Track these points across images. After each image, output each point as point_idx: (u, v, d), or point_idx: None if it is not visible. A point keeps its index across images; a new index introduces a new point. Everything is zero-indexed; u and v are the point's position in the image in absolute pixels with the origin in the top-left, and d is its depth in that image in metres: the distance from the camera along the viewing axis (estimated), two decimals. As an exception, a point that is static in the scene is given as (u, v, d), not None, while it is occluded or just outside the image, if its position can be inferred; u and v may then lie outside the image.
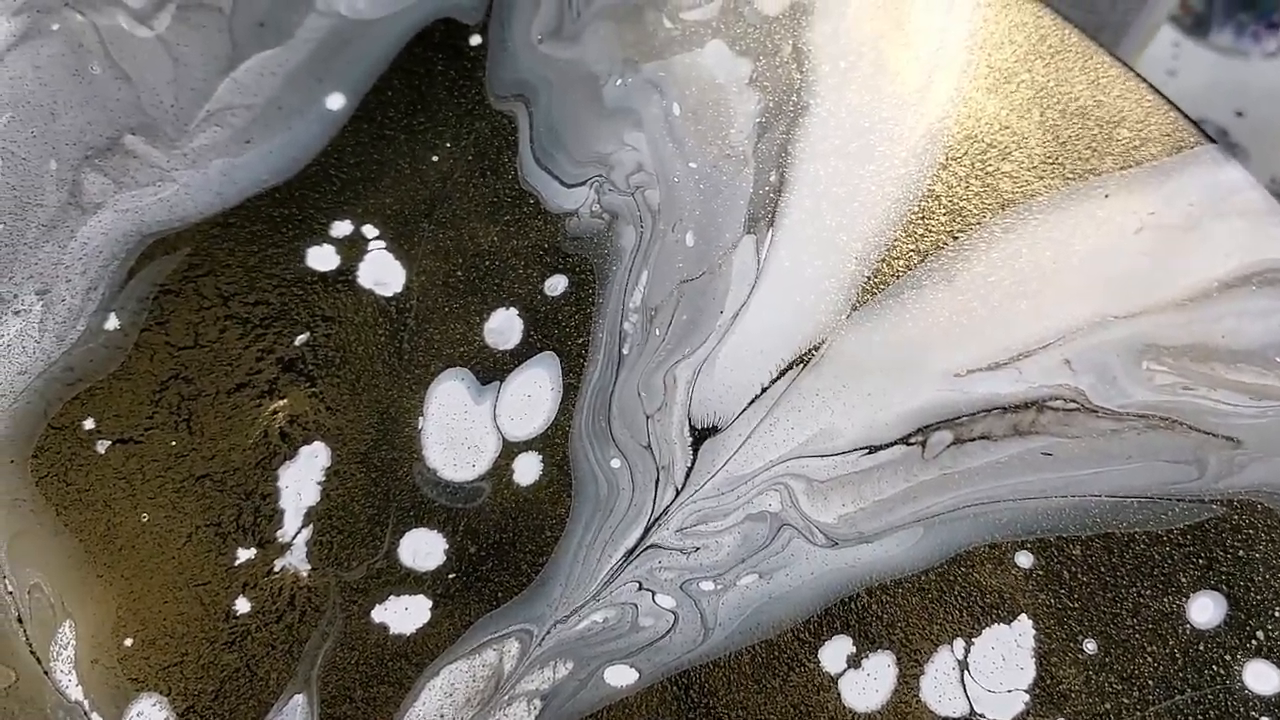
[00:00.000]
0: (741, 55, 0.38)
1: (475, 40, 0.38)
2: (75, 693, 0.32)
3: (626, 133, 0.38)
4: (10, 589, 0.32)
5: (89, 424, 0.34)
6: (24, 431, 0.33)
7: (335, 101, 0.37)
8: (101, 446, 0.34)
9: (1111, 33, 0.58)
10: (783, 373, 0.35)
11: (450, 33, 0.38)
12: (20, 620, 0.32)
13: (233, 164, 0.36)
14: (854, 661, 0.33)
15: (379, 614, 0.33)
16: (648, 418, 0.34)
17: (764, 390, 0.35)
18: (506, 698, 0.32)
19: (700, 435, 0.34)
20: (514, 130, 0.38)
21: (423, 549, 0.33)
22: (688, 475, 0.34)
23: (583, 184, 0.37)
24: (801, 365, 0.35)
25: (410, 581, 0.33)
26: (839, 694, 0.32)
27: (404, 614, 0.33)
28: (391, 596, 0.33)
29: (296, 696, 0.32)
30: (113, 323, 0.35)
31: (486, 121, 0.38)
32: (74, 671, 0.32)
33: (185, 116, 0.37)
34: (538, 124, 0.38)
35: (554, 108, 0.38)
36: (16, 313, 0.34)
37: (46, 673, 0.32)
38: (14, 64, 0.37)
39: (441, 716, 0.32)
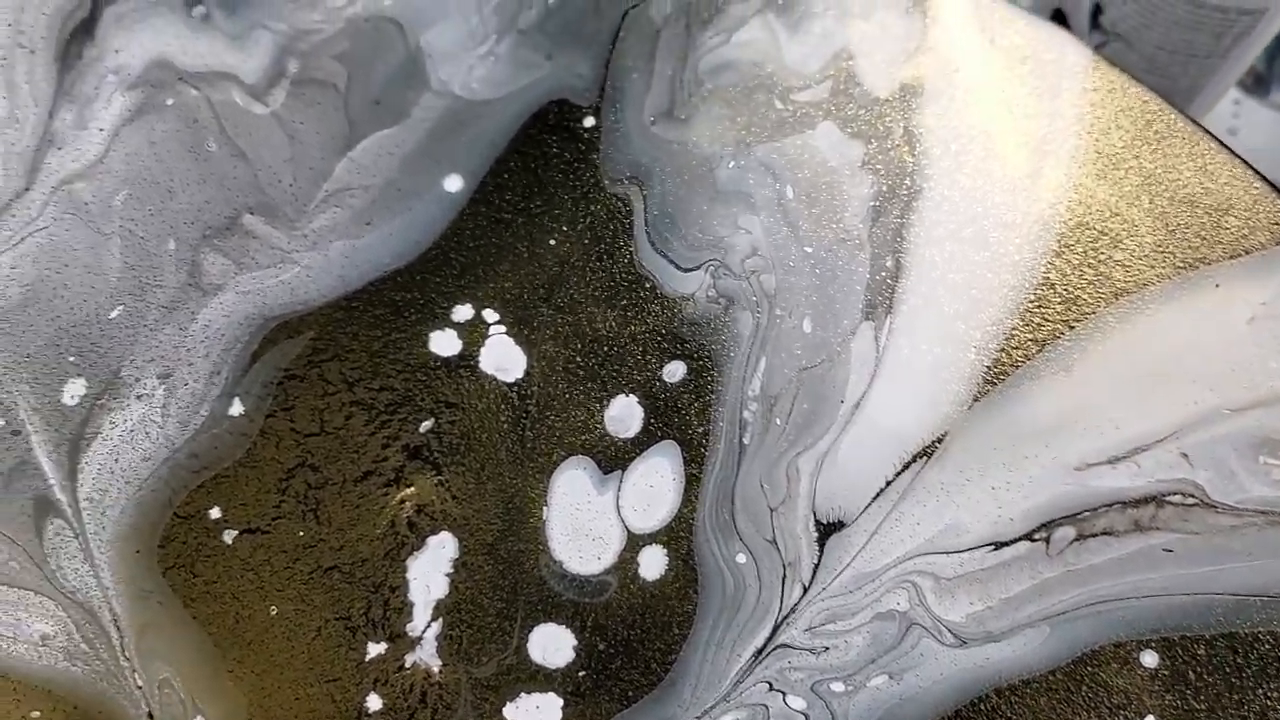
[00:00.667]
0: (854, 138, 0.38)
1: (589, 122, 0.38)
2: (209, 792, 0.32)
3: (740, 216, 0.37)
4: (140, 684, 0.32)
5: (215, 513, 0.33)
6: (150, 520, 0.33)
7: (453, 184, 0.37)
8: (229, 536, 0.33)
9: (1181, 97, 0.58)
10: (907, 465, 0.35)
11: (564, 114, 0.38)
12: (151, 716, 0.32)
13: (353, 246, 0.36)
14: (988, 766, 0.32)
15: (510, 712, 0.33)
16: (771, 511, 0.34)
17: (889, 484, 0.34)
18: (637, 798, 0.32)
19: (826, 530, 0.34)
20: (629, 213, 0.38)
21: (552, 645, 0.33)
22: (814, 572, 0.34)
23: (698, 268, 0.37)
24: (925, 458, 0.35)
25: (540, 679, 0.33)
26: (972, 798, 0.32)
27: (535, 713, 0.33)
28: (523, 694, 0.33)
29: (424, 794, 0.32)
30: (237, 408, 0.34)
31: (602, 205, 0.38)
32: (207, 770, 0.32)
33: (304, 196, 0.37)
34: (652, 207, 0.38)
35: (667, 190, 0.38)
36: (139, 397, 0.34)
37: (180, 771, 0.32)
38: (130, 139, 0.37)
39: (571, 816, 0.32)
